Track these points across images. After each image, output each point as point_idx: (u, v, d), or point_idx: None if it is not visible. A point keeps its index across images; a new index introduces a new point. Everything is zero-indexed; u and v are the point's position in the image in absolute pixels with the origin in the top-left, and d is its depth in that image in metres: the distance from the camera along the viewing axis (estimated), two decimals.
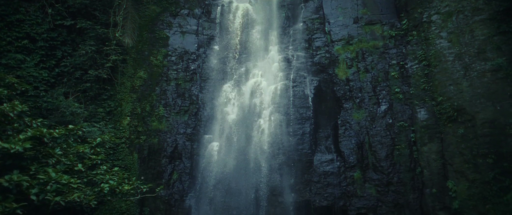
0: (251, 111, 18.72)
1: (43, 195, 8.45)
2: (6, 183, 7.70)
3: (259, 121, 18.21)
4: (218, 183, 17.21)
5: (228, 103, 19.14)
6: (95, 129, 14.59)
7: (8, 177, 7.80)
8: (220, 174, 17.39)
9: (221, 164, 17.58)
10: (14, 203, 7.63)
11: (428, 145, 14.31)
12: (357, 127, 16.50)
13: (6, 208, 7.40)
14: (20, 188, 8.08)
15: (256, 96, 18.97)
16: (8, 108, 8.75)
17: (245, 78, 19.63)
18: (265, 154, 17.38)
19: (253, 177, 17.23)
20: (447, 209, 13.13)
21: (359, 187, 15.56)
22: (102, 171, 11.52)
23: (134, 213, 15.70)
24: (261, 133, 17.83)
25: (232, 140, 18.17)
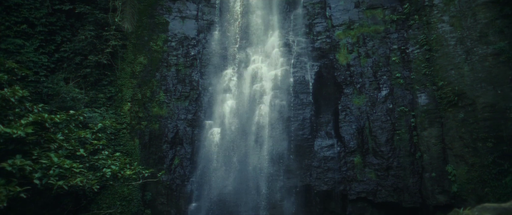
0: (251, 96, 18.72)
1: (46, 179, 8.54)
2: (9, 167, 7.77)
3: (259, 106, 18.23)
4: (219, 169, 17.35)
5: (229, 89, 19.12)
6: (96, 115, 14.62)
7: (11, 161, 7.86)
8: (221, 159, 17.51)
9: (222, 149, 17.68)
10: (17, 187, 7.72)
11: (428, 129, 14.36)
12: (357, 112, 16.52)
13: (11, 192, 7.50)
14: (23, 173, 8.16)
15: (256, 82, 18.94)
16: (9, 93, 8.75)
17: (245, 64, 19.56)
18: (265, 139, 17.47)
19: (253, 162, 17.35)
20: (446, 192, 13.26)
21: (359, 172, 15.68)
22: (103, 156, 11.60)
23: (136, 197, 15.87)
24: (262, 118, 17.87)
25: (233, 125, 18.23)
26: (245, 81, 19.10)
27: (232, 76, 19.34)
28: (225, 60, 19.68)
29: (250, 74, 19.26)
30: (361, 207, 15.33)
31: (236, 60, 19.68)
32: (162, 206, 16.49)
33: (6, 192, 7.36)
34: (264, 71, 19.07)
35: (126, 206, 15.49)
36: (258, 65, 19.17)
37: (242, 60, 19.64)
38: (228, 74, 19.41)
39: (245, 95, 18.80)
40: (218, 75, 19.25)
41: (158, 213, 16.32)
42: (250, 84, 19.00)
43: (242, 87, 19.00)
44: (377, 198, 15.01)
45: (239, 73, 19.45)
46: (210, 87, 18.99)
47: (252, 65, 19.30)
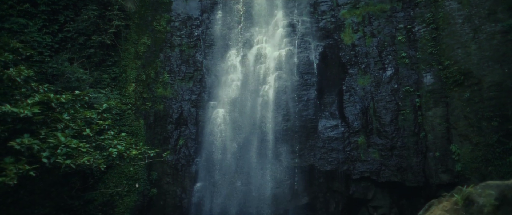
0: (255, 77, 18.66)
1: (53, 158, 8.66)
2: (17, 146, 7.89)
3: (263, 87, 18.19)
4: (224, 149, 17.49)
5: (233, 70, 19.05)
6: (101, 95, 14.69)
7: (19, 140, 7.98)
8: (225, 140, 17.64)
9: (226, 130, 17.77)
10: (26, 165, 7.86)
11: (433, 109, 14.32)
12: (362, 93, 16.46)
13: (20, 170, 7.64)
14: (31, 151, 8.29)
15: (260, 62, 18.83)
16: (14, 73, 8.79)
17: (249, 44, 19.41)
18: (269, 120, 17.51)
19: (258, 143, 17.46)
20: (450, 171, 13.35)
21: (363, 152, 15.76)
22: (109, 136, 11.71)
23: (142, 177, 16.12)
24: (266, 99, 17.87)
25: (237, 106, 18.26)
26: (249, 62, 19.00)
27: (236, 57, 19.24)
28: (229, 41, 19.54)
29: (254, 54, 19.14)
30: (365, 186, 15.49)
31: (239, 41, 19.53)
32: (168, 186, 16.75)
33: (16, 170, 7.51)
34: (268, 51, 18.93)
35: (132, 185, 15.76)
36: (262, 46, 19.02)
37: (246, 41, 19.48)
38: (232, 55, 19.29)
39: (249, 76, 18.74)
40: (222, 56, 19.15)
41: (164, 192, 16.61)
42: (254, 65, 18.91)
43: (246, 68, 18.92)
44: (380, 178, 15.14)
45: (243, 54, 19.33)
46: (214, 68, 18.93)
47: (256, 46, 19.15)
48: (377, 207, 15.22)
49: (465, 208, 5.02)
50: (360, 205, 15.70)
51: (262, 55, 18.89)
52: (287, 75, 17.96)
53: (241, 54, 19.31)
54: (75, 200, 14.38)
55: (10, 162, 7.67)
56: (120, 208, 15.36)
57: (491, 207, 4.54)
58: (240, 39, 19.55)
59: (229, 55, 19.24)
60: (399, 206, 15.17)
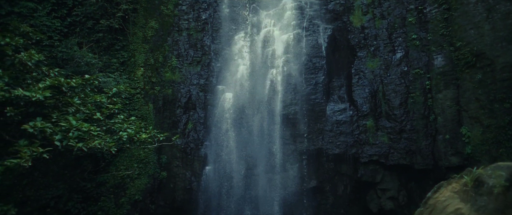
0: (263, 61, 18.57)
1: (66, 141, 8.82)
2: (31, 129, 8.05)
3: (271, 71, 18.12)
4: (232, 133, 17.60)
5: (241, 53, 18.97)
6: (110, 79, 14.80)
7: (32, 123, 8.14)
8: (233, 123, 17.72)
9: (235, 114, 17.84)
10: (40, 148, 8.03)
11: (443, 92, 14.15)
12: (371, 76, 16.31)
13: (34, 152, 7.82)
14: (44, 134, 8.45)
15: (268, 46, 18.70)
16: (25, 57, 8.89)
17: (257, 27, 19.24)
18: (277, 104, 17.51)
19: (266, 127, 17.52)
20: (459, 154, 13.28)
21: (371, 135, 15.73)
22: (119, 120, 11.85)
23: (152, 160, 16.35)
24: (274, 83, 17.82)
25: (245, 90, 18.25)
26: (257, 46, 18.88)
27: (244, 41, 19.12)
28: (237, 24, 19.39)
29: (262, 38, 18.99)
30: (373, 169, 15.52)
31: (247, 24, 19.36)
32: (178, 169, 16.98)
33: (30, 152, 7.69)
34: (276, 35, 18.77)
35: (143, 168, 16.02)
36: (270, 29, 18.84)
37: (253, 24, 19.31)
38: (239, 38, 19.17)
39: (257, 60, 18.65)
40: (229, 40, 19.05)
41: (174, 176, 16.86)
42: (262, 49, 18.79)
43: (254, 51, 18.82)
44: (389, 161, 15.14)
45: (250, 37, 19.20)
46: (222, 52, 18.87)
47: (264, 29, 18.98)
48: (386, 190, 15.28)
49: (475, 189, 5.01)
50: (368, 188, 15.78)
51: (270, 39, 18.74)
52: (295, 59, 17.83)
53: (249, 37, 19.18)
54: (88, 182, 14.71)
55: (24, 145, 7.86)
56: (132, 190, 15.67)
57: (501, 188, 4.53)
58: (247, 23, 19.39)
59: (237, 39, 19.13)
60: (408, 189, 15.21)
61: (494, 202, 4.41)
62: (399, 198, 15.03)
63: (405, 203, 14.88)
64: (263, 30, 18.97)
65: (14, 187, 13.08)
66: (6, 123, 8.53)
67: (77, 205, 14.51)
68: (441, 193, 5.66)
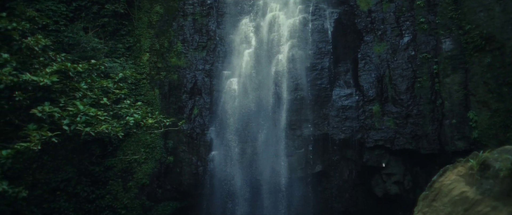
0: (269, 46, 18.47)
1: (74, 126, 8.94)
2: (39, 113, 8.16)
3: (277, 56, 18.03)
4: (238, 118, 17.66)
5: (246, 39, 18.87)
6: (116, 65, 14.86)
7: (40, 108, 8.24)
8: (239, 109, 17.76)
9: (240, 99, 17.86)
10: (49, 132, 8.15)
11: (451, 76, 14.00)
12: (377, 60, 16.16)
13: (43, 136, 7.93)
14: (52, 119, 8.57)
15: (274, 31, 18.57)
16: (32, 42, 8.94)
17: (262, 12, 19.07)
18: (283, 89, 17.49)
19: (271, 112, 17.55)
20: (466, 138, 13.23)
21: (377, 120, 15.70)
22: (126, 105, 11.95)
23: (159, 145, 16.52)
24: (280, 68, 17.76)
25: (251, 75, 18.22)
26: (263, 31, 18.75)
27: (249, 26, 18.99)
28: (242, 9, 19.22)
29: (268, 23, 18.84)
30: (378, 154, 15.54)
31: (253, 9, 19.19)
32: (184, 154, 17.15)
33: (39, 136, 7.81)
34: (281, 19, 18.59)
35: (150, 153, 16.21)
36: (275, 14, 18.66)
37: (259, 9, 19.14)
38: (245, 23, 19.04)
39: (262, 45, 18.56)
40: (235, 25, 18.92)
41: (180, 160, 17.03)
42: (267, 34, 18.67)
43: (259, 36, 18.71)
44: (394, 146, 15.14)
45: (256, 22, 19.06)
46: (227, 37, 18.78)
47: (269, 14, 18.80)
48: (391, 175, 15.33)
49: (480, 172, 5.00)
50: (373, 173, 15.84)
51: (276, 24, 18.59)
52: (301, 44, 17.71)
53: (254, 22, 19.04)
54: (96, 166, 14.96)
55: (33, 129, 7.97)
56: (139, 175, 15.91)
57: (507, 171, 4.51)
58: (253, 7, 19.21)
59: (242, 24, 19.00)
60: (413, 173, 15.25)
61: (500, 185, 4.41)
62: (404, 182, 15.09)
63: (410, 188, 14.95)
64: (269, 14, 18.80)
65: (24, 170, 13.37)
66: (15, 107, 8.64)
67: (86, 188, 14.80)
68: (446, 177, 5.66)
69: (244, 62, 18.36)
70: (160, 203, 16.34)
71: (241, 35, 18.85)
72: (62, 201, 14.21)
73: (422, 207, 5.61)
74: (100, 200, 15.08)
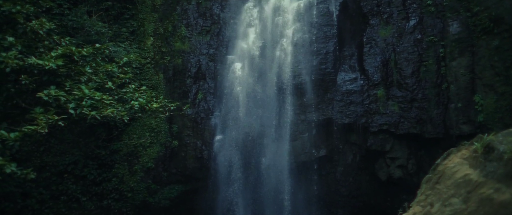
0: (273, 30, 18.34)
1: (79, 109, 9.03)
2: (45, 97, 8.24)
3: (281, 40, 17.91)
4: (242, 103, 17.69)
5: (250, 23, 18.73)
6: (120, 49, 14.84)
7: (46, 91, 8.32)
8: (243, 94, 17.78)
9: (244, 84, 17.85)
10: (55, 116, 8.25)
11: (457, 59, 13.85)
12: (383, 44, 16.00)
13: (50, 120, 8.03)
14: (58, 103, 8.66)
15: (278, 14, 18.40)
16: (37, 25, 8.95)
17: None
18: (288, 73, 17.43)
19: (275, 97, 17.55)
20: (471, 122, 13.18)
21: (382, 105, 15.64)
22: (131, 89, 12.02)
23: (164, 129, 16.64)
24: (284, 52, 17.67)
25: (255, 60, 18.16)
26: (267, 15, 18.57)
27: (253, 9, 18.81)
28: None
29: (272, 7, 18.66)
30: (383, 138, 15.55)
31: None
32: (189, 138, 17.28)
33: (46, 120, 7.91)
34: (286, 3, 18.39)
35: (155, 137, 16.36)
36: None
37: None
38: (249, 7, 18.86)
39: (266, 29, 18.42)
40: (239, 9, 18.75)
41: (185, 144, 17.18)
42: (271, 18, 18.51)
43: (263, 20, 18.55)
44: (399, 130, 15.12)
45: (260, 6, 18.87)
46: (231, 21, 18.63)
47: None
48: (395, 159, 15.37)
49: (484, 155, 5.00)
50: (377, 157, 15.89)
51: (280, 7, 18.40)
52: (305, 28, 17.55)
53: (258, 6, 18.85)
54: (102, 149, 15.14)
55: (40, 112, 8.07)
56: (144, 158, 16.10)
57: (511, 154, 4.51)
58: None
59: (247, 8, 18.83)
60: (417, 157, 15.27)
61: (504, 167, 4.41)
62: (408, 166, 15.14)
63: (414, 171, 15.00)
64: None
65: (32, 153, 13.58)
66: (21, 90, 8.73)
67: (92, 171, 15.03)
68: (450, 160, 5.66)
69: (249, 47, 18.27)
70: (165, 186, 16.58)
71: (245, 19, 18.69)
72: (69, 183, 14.47)
73: (425, 189, 5.64)
74: (107, 183, 15.33)
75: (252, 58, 18.16)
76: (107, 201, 15.20)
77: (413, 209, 5.26)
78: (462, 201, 4.15)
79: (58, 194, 14.20)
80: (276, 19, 18.28)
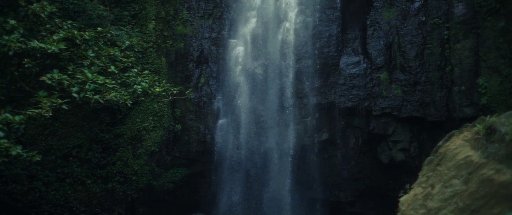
0: (276, 13, 18.15)
1: (83, 93, 9.06)
2: (49, 80, 8.26)
3: (284, 23, 17.75)
4: (244, 87, 17.68)
5: (252, 6, 18.53)
6: (122, 33, 14.77)
7: (49, 75, 8.33)
8: (245, 78, 17.75)
9: (247, 68, 17.80)
10: (59, 99, 8.28)
11: (462, 41, 13.71)
12: (386, 27, 15.83)
13: (54, 103, 8.07)
14: (62, 86, 8.68)
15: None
16: (38, 8, 8.89)
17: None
18: (290, 57, 17.34)
19: (278, 81, 17.52)
20: (474, 105, 13.14)
21: (384, 88, 15.60)
22: (133, 73, 12.02)
23: (167, 113, 16.72)
24: (286, 36, 17.53)
25: (258, 43, 18.05)
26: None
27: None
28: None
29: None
30: (385, 122, 15.56)
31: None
32: (192, 122, 17.36)
33: (49, 103, 7.95)
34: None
35: (158, 121, 16.44)
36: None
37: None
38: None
39: (269, 12, 18.23)
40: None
41: (188, 128, 17.27)
42: (274, 1, 18.29)
43: (266, 4, 18.34)
44: (401, 113, 15.12)
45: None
46: (234, 5, 18.43)
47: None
48: (397, 142, 15.42)
49: (486, 136, 5.00)
50: (379, 140, 15.95)
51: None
52: (308, 11, 17.36)
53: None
54: (106, 133, 15.27)
55: (43, 96, 8.10)
56: (148, 142, 16.23)
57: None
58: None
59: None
60: (419, 140, 15.32)
61: (505, 149, 4.42)
62: (411, 149, 15.20)
63: (416, 154, 15.07)
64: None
65: (37, 136, 13.73)
66: (24, 74, 8.76)
67: (97, 154, 15.20)
68: (452, 142, 5.68)
69: (251, 30, 18.13)
70: (169, 170, 16.77)
71: (248, 2, 18.48)
72: (74, 166, 14.67)
73: (426, 171, 5.68)
74: (111, 166, 15.53)
75: (254, 42, 18.05)
76: (112, 184, 15.43)
77: (414, 190, 5.31)
78: (463, 182, 4.18)
79: (64, 177, 14.42)
80: (278, 2, 18.07)
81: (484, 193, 3.75)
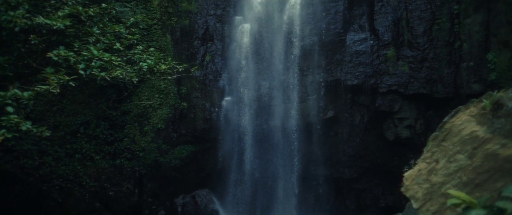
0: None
1: (89, 70, 9.12)
2: (55, 57, 8.30)
3: (290, 0, 17.46)
4: (250, 64, 17.60)
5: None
6: (127, 9, 14.65)
7: (56, 52, 8.36)
8: (251, 55, 17.64)
9: (252, 45, 17.66)
10: (66, 76, 8.35)
11: (472, 16, 13.39)
12: (394, 2, 15.49)
13: (61, 80, 8.15)
14: (68, 63, 8.73)
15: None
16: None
17: None
18: (296, 34, 17.15)
19: (284, 58, 17.40)
20: (483, 81, 12.98)
21: (391, 65, 15.44)
22: (139, 51, 12.01)
23: (172, 91, 16.78)
24: (292, 12, 17.27)
25: (263, 20, 17.83)
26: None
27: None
28: None
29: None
30: (391, 99, 15.50)
31: None
32: (197, 100, 17.42)
33: (57, 80, 8.02)
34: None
35: (164, 99, 16.53)
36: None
37: None
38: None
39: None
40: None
41: (193, 106, 17.36)
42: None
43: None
44: (408, 90, 15.02)
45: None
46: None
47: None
48: (403, 119, 15.39)
49: (493, 112, 4.98)
50: (385, 117, 15.93)
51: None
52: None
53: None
54: (113, 110, 15.42)
55: (51, 72, 8.17)
56: (154, 119, 16.38)
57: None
58: None
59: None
60: (426, 117, 15.27)
61: (511, 124, 4.41)
62: (416, 126, 15.19)
63: (422, 131, 15.07)
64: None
65: (45, 113, 13.92)
66: (31, 50, 8.80)
67: (104, 131, 15.42)
68: (458, 118, 5.66)
69: (256, 7, 17.87)
70: (176, 147, 16.99)
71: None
72: (83, 142, 14.93)
73: (431, 147, 5.70)
74: (119, 143, 15.77)
75: (260, 18, 17.82)
76: (120, 160, 15.72)
77: (418, 166, 5.36)
78: (467, 157, 4.20)
79: (73, 153, 14.71)
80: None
81: (488, 167, 3.78)
